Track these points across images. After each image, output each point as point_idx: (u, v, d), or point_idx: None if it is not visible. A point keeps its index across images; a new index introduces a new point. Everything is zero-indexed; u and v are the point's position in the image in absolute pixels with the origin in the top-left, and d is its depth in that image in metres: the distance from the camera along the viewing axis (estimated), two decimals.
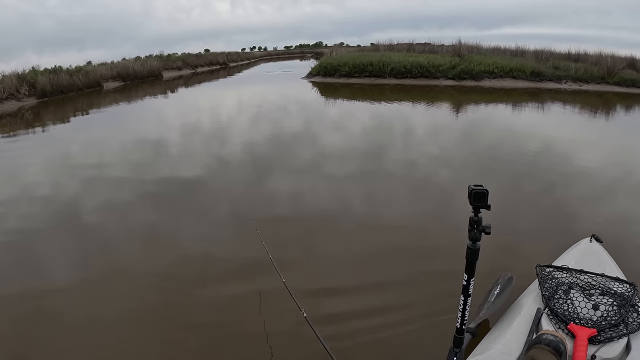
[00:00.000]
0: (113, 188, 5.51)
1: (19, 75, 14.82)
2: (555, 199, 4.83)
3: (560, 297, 2.11)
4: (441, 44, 21.62)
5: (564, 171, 5.86)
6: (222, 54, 38.49)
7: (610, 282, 2.19)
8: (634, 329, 1.90)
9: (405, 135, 8.31)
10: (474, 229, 1.65)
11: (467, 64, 16.40)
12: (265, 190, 5.24)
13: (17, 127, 11.14)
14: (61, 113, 13.47)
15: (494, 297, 2.53)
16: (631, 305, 2.02)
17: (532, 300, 2.22)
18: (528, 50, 19.31)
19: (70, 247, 3.97)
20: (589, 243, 2.78)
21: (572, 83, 15.75)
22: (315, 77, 18.41)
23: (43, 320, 2.89)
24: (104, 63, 22.15)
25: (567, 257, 2.63)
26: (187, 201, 4.96)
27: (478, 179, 4.96)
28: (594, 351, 1.79)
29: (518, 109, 11.67)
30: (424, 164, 6.29)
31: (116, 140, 8.51)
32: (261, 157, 6.78)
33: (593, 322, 1.93)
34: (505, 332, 2.00)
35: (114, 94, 18.08)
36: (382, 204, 4.79)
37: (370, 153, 6.80)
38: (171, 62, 28.35)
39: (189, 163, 6.59)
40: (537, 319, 2.01)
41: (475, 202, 1.60)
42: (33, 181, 6.05)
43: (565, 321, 1.95)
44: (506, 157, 6.60)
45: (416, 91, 14.91)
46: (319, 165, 6.18)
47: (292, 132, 8.64)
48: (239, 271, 3.40)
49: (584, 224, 3.98)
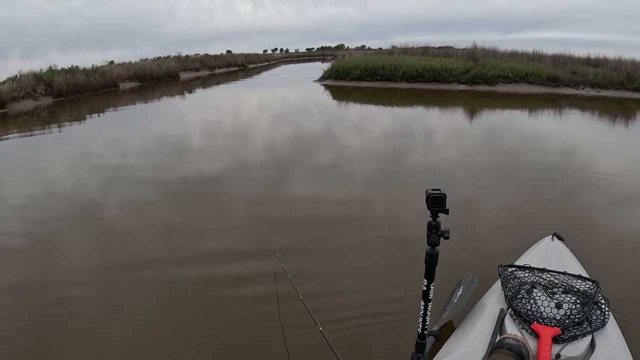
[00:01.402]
0: (132, 187, 5.56)
1: (36, 74, 14.97)
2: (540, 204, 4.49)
3: (523, 296, 2.07)
4: (456, 47, 21.07)
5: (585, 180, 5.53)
6: (240, 55, 38.53)
7: (572, 280, 2.17)
8: (597, 327, 1.87)
9: (415, 141, 7.97)
10: (433, 234, 1.62)
11: (481, 68, 15.88)
12: (268, 194, 5.12)
13: (34, 125, 11.34)
14: (76, 112, 13.61)
15: (456, 298, 2.46)
16: (594, 303, 1.99)
17: (495, 300, 2.17)
18: (546, 54, 18.61)
19: (88, 243, 3.99)
20: (550, 241, 2.75)
21: (589, 89, 15.07)
22: (327, 80, 18.12)
23: (63, 314, 2.91)
24: (121, 63, 22.33)
25: (529, 256, 2.60)
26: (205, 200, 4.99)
27: (493, 186, 5.09)
28: (559, 350, 1.75)
29: (534, 116, 11.16)
30: (435, 172, 5.98)
31: (129, 140, 8.57)
32: (262, 158, 6.55)
33: (557, 320, 1.90)
34: (469, 334, 1.96)
35: (130, 94, 18.18)
36: (397, 210, 4.61)
37: (381, 159, 6.50)
38: (189, 63, 28.45)
39: (189, 164, 6.43)
40: (500, 319, 1.97)
41: (433, 206, 1.57)
42: (51, 178, 6.13)
43: (529, 321, 1.91)
44: (522, 164, 6.28)
45: (428, 96, 14.49)
46: (327, 174, 5.92)
47: (298, 136, 8.42)
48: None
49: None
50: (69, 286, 3.26)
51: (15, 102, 13.63)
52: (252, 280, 3.23)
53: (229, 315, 2.83)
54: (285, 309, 2.81)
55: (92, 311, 2.95)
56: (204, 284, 3.23)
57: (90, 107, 14.50)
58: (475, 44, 18.63)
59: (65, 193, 5.45)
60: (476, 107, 12.47)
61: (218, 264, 3.51)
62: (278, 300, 2.91)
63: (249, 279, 3.26)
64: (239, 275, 3.31)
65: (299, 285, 2.51)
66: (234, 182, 5.62)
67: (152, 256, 3.68)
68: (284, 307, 2.83)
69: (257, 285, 3.16)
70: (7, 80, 14.20)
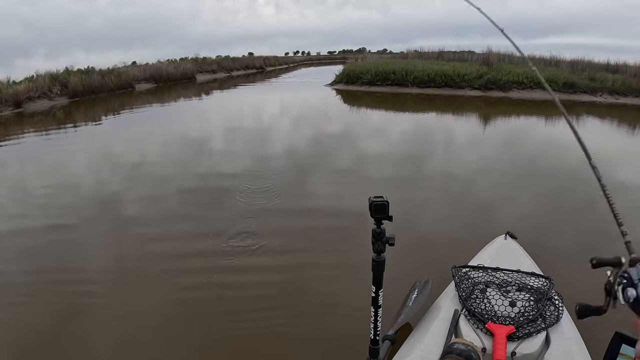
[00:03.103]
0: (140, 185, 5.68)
1: (52, 74, 15.07)
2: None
3: (477, 296, 2.03)
4: (470, 51, 20.42)
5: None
6: (259, 58, 38.32)
7: (526, 277, 2.14)
8: (552, 322, 1.87)
9: (426, 151, 7.58)
10: (378, 241, 1.60)
11: (495, 73, 15.29)
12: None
13: (49, 124, 11.52)
14: (92, 112, 13.68)
15: (411, 301, 2.44)
16: (548, 299, 1.99)
17: (449, 301, 2.13)
18: (564, 59, 17.83)
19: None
20: (504, 240, 2.74)
21: (607, 96, 14.37)
22: (338, 84, 17.76)
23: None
24: (137, 65, 22.43)
25: (483, 256, 2.58)
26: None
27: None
28: (514, 348, 1.74)
29: (550, 123, 10.61)
30: (448, 182, 5.68)
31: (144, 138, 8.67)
32: (263, 162, 6.31)
33: (511, 319, 1.88)
34: (424, 337, 1.93)
35: (145, 95, 18.22)
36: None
37: (391, 166, 6.18)
38: (206, 65, 28.42)
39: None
40: (455, 320, 1.94)
41: (376, 214, 1.55)
42: (69, 174, 6.36)
43: (483, 320, 1.88)
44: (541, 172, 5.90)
45: (439, 101, 14.01)
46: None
47: (303, 141, 8.13)
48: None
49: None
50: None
51: (31, 102, 13.72)
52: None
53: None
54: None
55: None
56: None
57: (105, 108, 14.56)
58: (491, 48, 18.01)
59: (79, 186, 5.71)
60: (489, 113, 11.98)
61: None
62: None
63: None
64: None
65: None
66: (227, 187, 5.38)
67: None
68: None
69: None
70: (23, 80, 14.32)
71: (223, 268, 3.41)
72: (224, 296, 3.04)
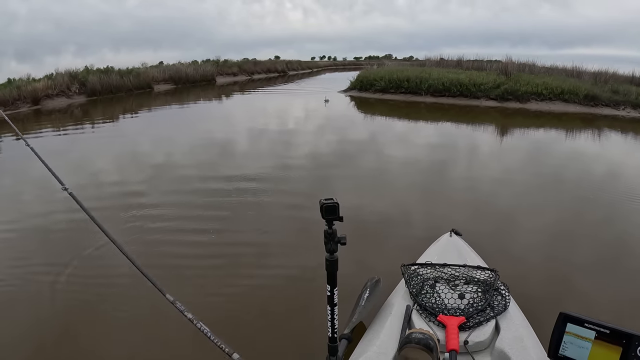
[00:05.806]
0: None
1: (71, 73, 15.06)
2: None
3: (427, 292, 2.07)
4: (490, 61, 19.56)
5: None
6: (281, 61, 38.00)
7: (472, 271, 2.19)
8: (500, 311, 1.92)
9: (440, 165, 7.03)
10: (330, 242, 1.61)
11: (513, 83, 14.47)
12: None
13: (67, 121, 11.46)
14: (110, 111, 13.56)
15: (364, 301, 2.43)
16: (495, 290, 2.04)
17: (401, 298, 2.15)
18: (586, 71, 16.79)
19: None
20: (449, 237, 2.79)
21: (631, 109, 13.39)
22: (352, 91, 17.22)
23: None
24: (156, 65, 22.39)
25: (430, 253, 2.63)
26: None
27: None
28: (466, 337, 1.78)
29: (571, 137, 9.84)
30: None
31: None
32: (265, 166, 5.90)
33: (461, 310, 1.92)
34: (379, 333, 1.94)
35: (164, 96, 18.12)
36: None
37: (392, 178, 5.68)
38: (226, 67, 28.27)
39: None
40: (408, 315, 1.97)
41: (327, 215, 1.55)
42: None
43: (435, 313, 1.92)
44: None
45: (454, 111, 13.29)
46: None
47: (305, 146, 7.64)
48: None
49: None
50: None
51: (49, 100, 13.70)
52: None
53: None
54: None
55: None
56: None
57: (122, 107, 14.44)
58: (510, 57, 17.13)
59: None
60: (508, 125, 11.26)
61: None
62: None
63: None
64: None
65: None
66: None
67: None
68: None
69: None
70: (42, 78, 14.34)
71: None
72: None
